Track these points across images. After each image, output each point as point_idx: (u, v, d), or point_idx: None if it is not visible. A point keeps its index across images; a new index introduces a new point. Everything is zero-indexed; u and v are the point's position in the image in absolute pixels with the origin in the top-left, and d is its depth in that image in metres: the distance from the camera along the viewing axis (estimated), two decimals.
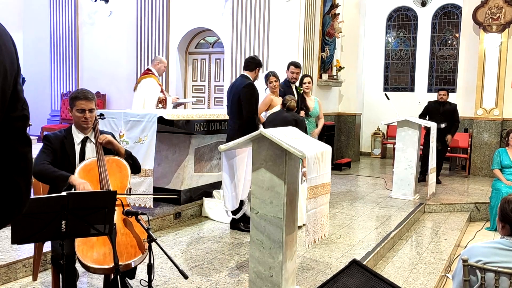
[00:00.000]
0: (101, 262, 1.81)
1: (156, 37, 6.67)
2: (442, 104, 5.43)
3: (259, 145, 2.11)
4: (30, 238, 1.64)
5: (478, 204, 4.65)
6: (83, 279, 2.41)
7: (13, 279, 2.37)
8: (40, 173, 2.01)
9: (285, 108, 3.42)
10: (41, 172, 2.00)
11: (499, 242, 1.63)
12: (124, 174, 2.15)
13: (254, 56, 3.53)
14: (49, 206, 1.59)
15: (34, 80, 7.55)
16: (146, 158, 3.22)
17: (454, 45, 7.57)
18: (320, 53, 6.27)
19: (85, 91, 2.17)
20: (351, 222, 3.75)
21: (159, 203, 3.61)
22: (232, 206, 2.87)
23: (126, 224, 1.99)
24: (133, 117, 3.31)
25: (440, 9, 7.66)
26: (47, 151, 2.08)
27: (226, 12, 6.13)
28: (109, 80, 7.12)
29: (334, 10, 6.41)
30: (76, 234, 1.69)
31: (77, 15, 7.32)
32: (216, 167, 4.05)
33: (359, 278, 2.04)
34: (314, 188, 2.11)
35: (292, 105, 3.40)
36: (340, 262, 2.78)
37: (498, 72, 6.08)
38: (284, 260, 2.10)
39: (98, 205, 1.68)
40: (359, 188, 5.17)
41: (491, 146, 6.17)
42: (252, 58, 3.44)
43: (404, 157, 4.57)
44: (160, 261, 2.60)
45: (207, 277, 2.52)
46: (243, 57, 6.06)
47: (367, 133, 8.01)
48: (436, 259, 3.18)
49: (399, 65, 8.05)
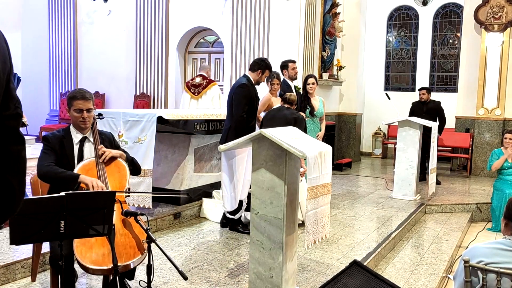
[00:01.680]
0: (100, 263, 1.80)
1: (155, 36, 6.66)
2: (425, 103, 5.41)
3: (259, 145, 2.10)
4: (29, 238, 1.63)
5: (480, 205, 4.63)
6: (82, 280, 2.40)
7: (12, 280, 2.36)
8: (47, 175, 2.02)
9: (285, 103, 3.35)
10: (48, 173, 2.01)
11: (501, 243, 1.62)
12: (123, 174, 2.13)
13: (264, 59, 3.40)
14: (48, 207, 1.58)
15: (32, 80, 7.55)
16: (146, 158, 3.21)
17: (455, 45, 7.55)
18: (320, 52, 6.25)
19: (83, 90, 2.15)
20: (352, 222, 3.73)
21: (158, 204, 3.60)
22: (231, 207, 2.86)
23: (125, 225, 1.98)
24: (132, 117, 3.30)
25: (441, 8, 7.63)
26: (48, 151, 2.08)
27: (226, 11, 6.12)
28: (108, 79, 7.11)
29: (334, 9, 6.39)
30: (75, 234, 1.69)
31: (75, 14, 7.31)
32: (216, 167, 4.03)
33: (360, 279, 2.03)
34: (314, 188, 2.09)
35: (292, 98, 3.34)
36: (341, 263, 2.76)
37: (500, 72, 6.06)
38: (284, 261, 2.09)
39: (97, 206, 1.66)
40: (359, 189, 5.16)
41: (493, 146, 6.14)
42: (260, 60, 3.35)
43: (405, 157, 4.55)
44: (159, 262, 2.58)
45: (206, 278, 2.51)
46: (243, 56, 6.05)
47: (367, 133, 7.99)
48: (438, 260, 3.16)
49: (400, 64, 8.03)
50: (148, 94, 6.82)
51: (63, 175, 1.99)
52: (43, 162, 2.04)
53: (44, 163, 2.03)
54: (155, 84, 6.75)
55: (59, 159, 2.08)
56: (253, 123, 3.27)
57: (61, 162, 2.08)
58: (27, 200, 1.63)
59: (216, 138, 3.97)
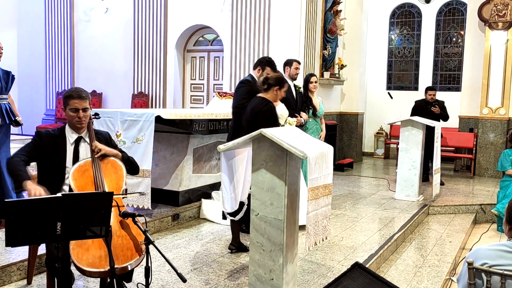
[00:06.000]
0: (97, 265, 1.78)
1: (153, 35, 6.62)
2: (429, 103, 5.36)
3: (259, 145, 2.07)
4: (25, 240, 1.62)
5: (484, 206, 4.57)
6: (78, 282, 2.37)
7: (7, 282, 2.35)
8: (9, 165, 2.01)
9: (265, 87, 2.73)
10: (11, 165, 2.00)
11: (505, 245, 1.58)
12: (119, 175, 2.10)
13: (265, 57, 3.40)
14: (44, 208, 1.56)
15: (28, 79, 7.51)
16: (144, 159, 3.18)
17: (459, 43, 7.49)
18: (321, 51, 6.20)
19: (79, 89, 2.13)
20: (354, 224, 3.69)
21: (157, 205, 3.57)
22: (231, 208, 2.81)
23: (122, 226, 1.95)
24: (130, 116, 3.27)
25: (445, 5, 7.57)
26: (32, 146, 2.08)
27: (225, 9, 6.07)
28: (106, 78, 7.07)
29: (336, 7, 6.34)
30: (72, 236, 1.67)
31: (72, 12, 7.27)
32: (215, 168, 3.99)
33: (362, 281, 1.99)
34: (315, 189, 2.06)
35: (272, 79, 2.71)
36: (342, 265, 2.73)
37: (504, 70, 5.99)
38: (285, 263, 2.06)
39: (94, 207, 1.63)
40: (361, 189, 5.11)
41: (497, 146, 6.08)
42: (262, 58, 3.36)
43: (407, 158, 4.50)
44: (157, 264, 2.56)
45: (205, 281, 2.48)
46: (242, 55, 6.00)
47: (369, 132, 7.94)
48: (441, 262, 3.13)
49: (403, 63, 7.97)
50: (146, 93, 6.78)
51: (16, 173, 1.97)
52: (17, 152, 2.05)
53: (18, 153, 2.04)
54: (153, 83, 6.71)
55: (50, 158, 2.06)
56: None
57: (53, 162, 2.06)
58: (23, 201, 1.61)
59: (215, 138, 3.93)
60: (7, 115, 3.04)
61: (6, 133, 3.10)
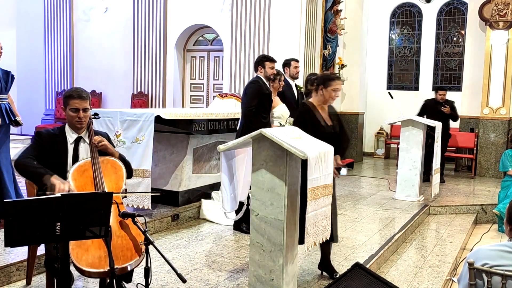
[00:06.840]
0: (96, 266, 1.77)
1: (153, 34, 6.61)
2: (439, 103, 5.36)
3: (259, 145, 2.06)
4: (24, 240, 1.61)
5: (485, 206, 4.56)
6: (78, 283, 2.37)
7: (6, 283, 2.34)
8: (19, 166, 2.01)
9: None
10: (23, 165, 2.00)
11: (506, 245, 1.58)
12: (119, 175, 2.10)
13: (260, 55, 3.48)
14: (43, 208, 1.56)
15: (27, 79, 7.50)
16: (144, 159, 3.17)
17: (459, 43, 7.47)
18: (322, 50, 6.19)
19: (79, 89, 2.12)
20: (354, 224, 3.68)
21: (156, 205, 3.56)
22: (231, 208, 2.81)
23: (122, 226, 1.94)
24: (130, 116, 3.26)
25: (445, 5, 7.56)
26: (35, 146, 2.08)
27: (225, 8, 6.06)
28: (105, 78, 7.06)
29: (336, 6, 6.33)
30: (71, 236, 1.67)
31: (72, 11, 7.26)
32: (215, 168, 3.98)
33: (362, 282, 1.99)
34: (315, 189, 2.06)
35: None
36: (343, 266, 2.73)
37: (505, 70, 5.98)
38: (285, 263, 2.05)
39: (94, 207, 1.63)
40: (362, 190, 5.11)
41: (498, 146, 6.07)
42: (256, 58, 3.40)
43: (408, 158, 4.49)
44: (157, 264, 2.55)
45: (205, 281, 2.48)
46: (242, 54, 5.99)
47: (370, 132, 7.92)
48: (441, 262, 3.12)
49: (403, 63, 7.95)
50: (146, 93, 6.78)
51: (31, 169, 1.98)
52: (24, 153, 2.04)
53: (25, 154, 2.04)
54: (153, 83, 6.70)
55: (51, 158, 2.06)
56: (267, 120, 3.26)
57: (53, 162, 2.05)
58: (22, 201, 1.60)
59: (215, 138, 3.92)
60: (7, 115, 3.03)
61: (6, 133, 3.09)
